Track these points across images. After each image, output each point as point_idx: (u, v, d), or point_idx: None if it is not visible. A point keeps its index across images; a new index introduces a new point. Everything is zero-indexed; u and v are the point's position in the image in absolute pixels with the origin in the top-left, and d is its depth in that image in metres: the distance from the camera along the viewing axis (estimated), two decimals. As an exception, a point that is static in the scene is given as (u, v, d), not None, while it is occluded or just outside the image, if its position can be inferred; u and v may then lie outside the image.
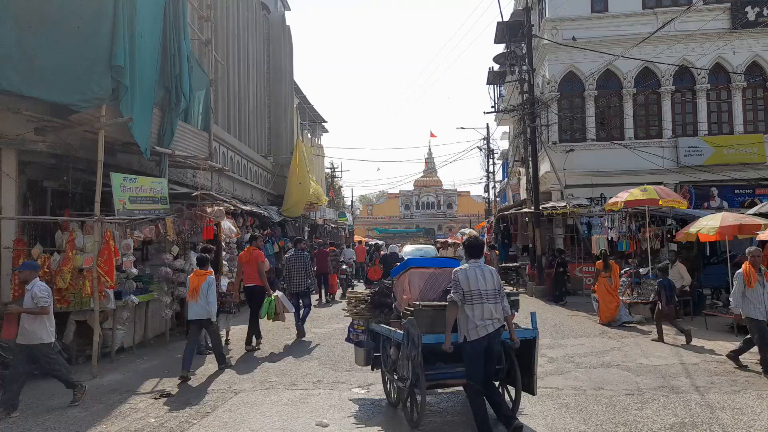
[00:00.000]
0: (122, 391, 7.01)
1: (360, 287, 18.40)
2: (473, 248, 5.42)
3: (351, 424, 5.73)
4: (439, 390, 6.54)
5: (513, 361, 5.49)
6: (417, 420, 5.41)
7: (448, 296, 5.18)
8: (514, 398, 5.61)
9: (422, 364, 5.20)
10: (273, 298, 9.71)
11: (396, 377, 5.80)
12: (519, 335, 5.42)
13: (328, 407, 6.28)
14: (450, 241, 34.43)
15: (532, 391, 5.66)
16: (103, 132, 8.55)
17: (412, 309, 5.57)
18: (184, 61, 11.36)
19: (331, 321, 12.60)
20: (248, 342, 9.64)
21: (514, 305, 5.93)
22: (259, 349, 9.64)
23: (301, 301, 10.89)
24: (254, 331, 9.74)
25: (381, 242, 29.71)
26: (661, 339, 9.68)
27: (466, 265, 5.32)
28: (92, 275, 8.12)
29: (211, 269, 8.47)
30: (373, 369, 6.93)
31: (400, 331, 5.61)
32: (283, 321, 10.09)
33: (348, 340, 7.18)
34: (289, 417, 5.95)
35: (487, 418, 5.04)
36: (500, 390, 5.74)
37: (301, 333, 10.56)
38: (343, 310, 7.85)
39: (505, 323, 5.17)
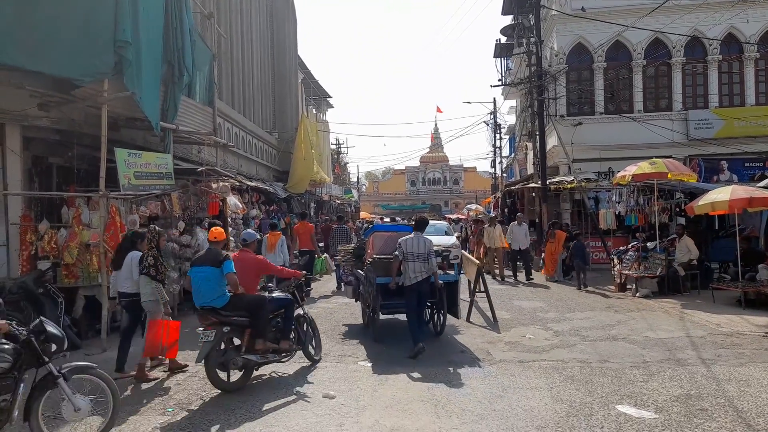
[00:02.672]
0: (131, 365, 7.07)
1: None
2: (418, 223, 7.81)
3: (357, 395, 5.78)
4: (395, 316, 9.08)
5: (442, 296, 8.16)
6: (377, 336, 8.10)
7: (394, 253, 7.55)
8: (441, 320, 8.40)
9: (379, 298, 7.91)
10: (324, 258, 12.94)
11: (365, 305, 8.83)
12: (445, 279, 8.13)
13: (335, 380, 6.34)
14: (455, 216, 34.42)
15: (456, 315, 8.80)
16: (106, 107, 8.48)
17: (371, 260, 8.23)
18: (186, 34, 11.17)
19: (338, 295, 12.66)
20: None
21: (455, 261, 9.13)
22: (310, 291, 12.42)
23: None
24: (308, 282, 12.15)
25: (387, 219, 30.60)
26: (579, 287, 13.01)
27: (413, 234, 7.56)
28: (99, 251, 8.16)
29: (280, 231, 11.70)
30: (356, 301, 9.56)
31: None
32: (329, 274, 13.76)
33: (344, 279, 10.58)
34: (296, 389, 6.01)
35: (417, 328, 7.45)
36: (431, 317, 8.75)
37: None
38: (336, 258, 11.45)
39: (430, 274, 7.44)
